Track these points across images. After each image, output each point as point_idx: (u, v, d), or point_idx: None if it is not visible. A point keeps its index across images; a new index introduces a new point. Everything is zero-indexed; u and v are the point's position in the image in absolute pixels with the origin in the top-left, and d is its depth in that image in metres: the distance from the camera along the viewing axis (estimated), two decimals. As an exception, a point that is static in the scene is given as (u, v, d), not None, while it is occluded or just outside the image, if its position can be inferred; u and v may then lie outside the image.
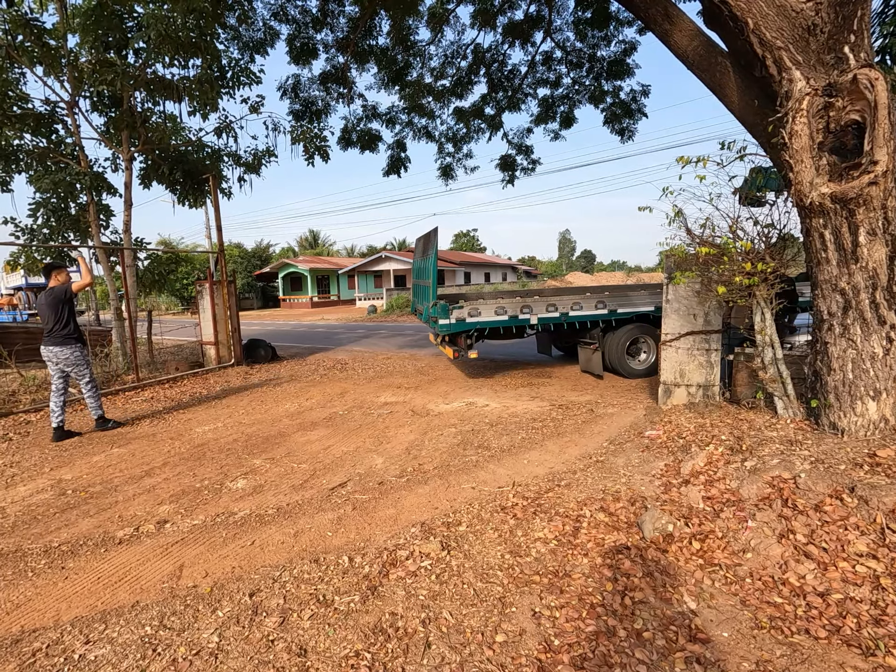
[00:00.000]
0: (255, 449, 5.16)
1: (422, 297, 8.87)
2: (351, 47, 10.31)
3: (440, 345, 8.15)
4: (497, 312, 7.29)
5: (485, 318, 7.27)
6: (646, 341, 7.98)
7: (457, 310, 7.17)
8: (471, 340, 7.56)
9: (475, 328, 7.35)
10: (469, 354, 7.50)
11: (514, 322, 7.39)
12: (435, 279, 7.49)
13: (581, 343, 8.25)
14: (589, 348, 7.93)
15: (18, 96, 9.33)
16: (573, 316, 7.48)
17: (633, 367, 7.88)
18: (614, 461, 4.10)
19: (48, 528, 3.51)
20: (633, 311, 7.66)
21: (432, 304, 7.28)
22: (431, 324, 7.67)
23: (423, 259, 8.65)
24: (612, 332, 7.79)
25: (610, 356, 7.79)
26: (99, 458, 5.09)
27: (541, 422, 5.62)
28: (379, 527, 3.27)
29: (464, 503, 3.54)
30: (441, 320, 7.09)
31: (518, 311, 7.34)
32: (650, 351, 7.96)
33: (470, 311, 7.21)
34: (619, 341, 7.73)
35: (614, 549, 2.71)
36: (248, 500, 3.84)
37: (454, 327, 7.19)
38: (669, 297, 5.32)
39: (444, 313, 7.07)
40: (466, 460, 4.48)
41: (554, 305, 7.42)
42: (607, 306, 7.54)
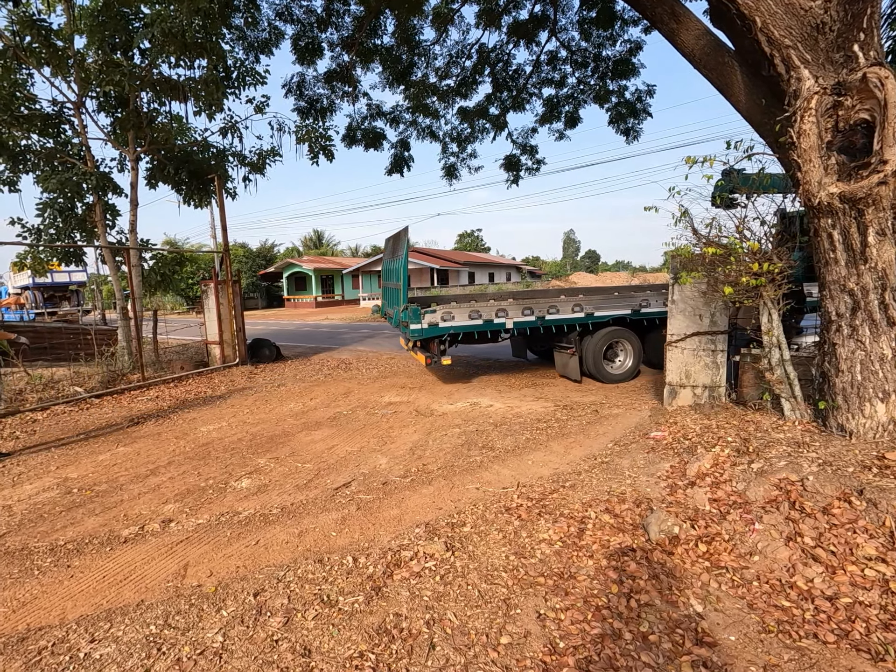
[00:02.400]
0: (259, 448, 5.17)
1: (392, 301, 8.49)
2: (356, 46, 10.31)
3: (411, 350, 7.83)
4: (471, 316, 6.99)
5: (458, 322, 6.95)
6: (623, 345, 7.79)
7: (429, 314, 6.82)
8: (444, 346, 7.26)
9: (448, 333, 7.05)
10: (442, 361, 7.13)
11: (489, 326, 7.10)
12: (406, 281, 7.16)
13: (557, 347, 7.95)
14: (566, 352, 7.67)
15: (26, 97, 9.40)
16: (549, 320, 7.21)
17: (610, 371, 7.68)
18: (619, 462, 4.08)
19: (54, 527, 3.53)
20: (609, 315, 7.46)
21: (403, 307, 6.92)
22: (402, 329, 7.38)
23: (393, 260, 8.24)
24: (590, 335, 7.57)
25: (587, 361, 7.57)
26: (105, 457, 5.11)
27: (545, 423, 5.60)
28: (383, 527, 3.26)
29: (468, 504, 3.53)
30: (412, 325, 6.75)
31: (493, 315, 7.05)
32: (627, 355, 7.78)
33: (443, 316, 6.87)
34: (596, 345, 7.50)
35: (620, 551, 2.69)
36: (252, 499, 3.84)
37: (426, 332, 6.85)
38: (675, 297, 5.29)
39: (415, 318, 6.73)
40: (471, 461, 4.47)
41: (530, 309, 7.16)
42: (584, 309, 7.29)
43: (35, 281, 22.46)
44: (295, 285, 43.13)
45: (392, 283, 8.31)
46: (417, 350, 7.52)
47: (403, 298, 7.04)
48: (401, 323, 7.24)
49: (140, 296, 10.02)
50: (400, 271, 7.31)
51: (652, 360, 8.15)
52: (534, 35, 12.55)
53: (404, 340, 8.75)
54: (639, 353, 7.77)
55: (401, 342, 9.40)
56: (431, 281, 40.28)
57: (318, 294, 40.36)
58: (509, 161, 14.17)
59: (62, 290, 24.11)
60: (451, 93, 12.75)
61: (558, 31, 12.07)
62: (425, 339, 7.12)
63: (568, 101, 13.54)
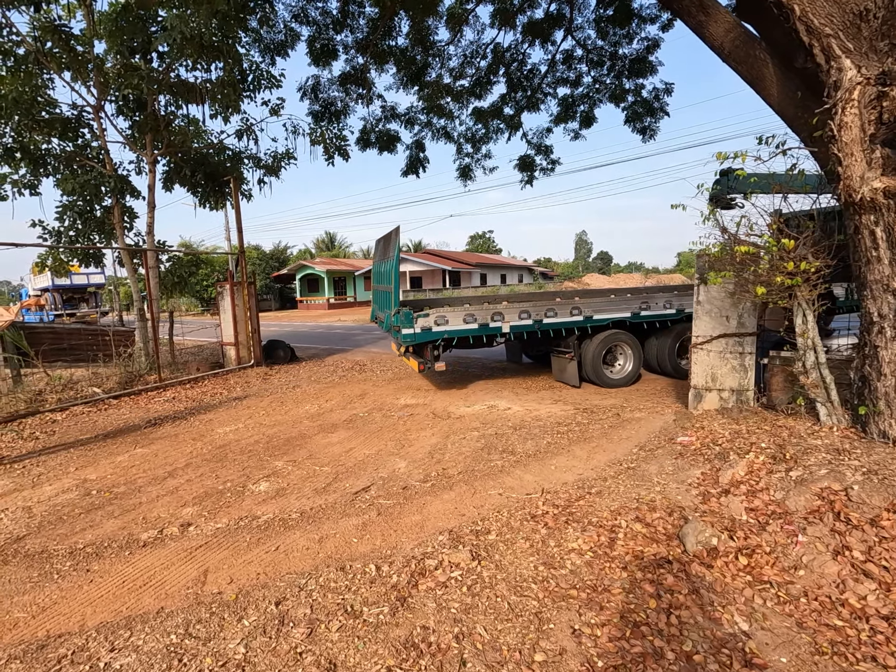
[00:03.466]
0: (276, 451, 5.12)
1: (383, 304, 8.15)
2: (371, 48, 10.29)
3: (403, 356, 7.46)
4: (466, 320, 6.70)
5: (452, 326, 6.66)
6: (622, 349, 7.55)
7: (422, 318, 6.54)
8: (438, 351, 6.95)
9: (442, 338, 6.74)
10: (436, 367, 6.87)
11: (484, 331, 6.83)
12: (397, 284, 6.83)
13: (555, 351, 7.72)
14: (564, 357, 7.43)
15: (47, 101, 9.53)
16: (547, 323, 6.94)
17: (610, 376, 7.44)
18: (646, 468, 3.95)
19: (73, 529, 3.50)
20: (609, 318, 7.20)
21: (395, 311, 6.62)
22: (394, 333, 7.05)
23: (384, 261, 7.88)
24: (589, 339, 7.31)
25: (586, 365, 7.32)
26: (123, 459, 5.10)
27: (566, 426, 5.47)
28: (405, 534, 3.17)
29: (492, 510, 3.42)
30: (404, 330, 6.46)
31: (489, 319, 6.77)
32: (627, 359, 7.54)
33: (436, 320, 6.58)
34: (595, 349, 7.23)
35: (655, 563, 2.57)
36: (271, 503, 3.78)
37: (419, 337, 6.57)
38: (701, 298, 5.14)
39: (407, 322, 6.45)
40: (492, 465, 4.36)
41: (527, 312, 6.87)
42: (582, 312, 7.03)
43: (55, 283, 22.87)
44: (308, 287, 43.40)
45: (383, 285, 7.98)
46: (410, 355, 7.18)
47: (395, 301, 6.74)
48: (392, 327, 6.97)
49: (157, 297, 10.08)
50: (391, 273, 6.99)
51: (651, 365, 7.92)
52: (549, 34, 12.42)
53: (395, 345, 8.38)
54: (639, 357, 7.54)
55: (392, 347, 9.05)
56: (443, 282, 40.24)
57: (331, 296, 40.55)
58: (523, 161, 14.05)
59: (81, 292, 24.51)
60: (466, 93, 12.68)
61: (574, 30, 11.93)
62: (418, 345, 6.83)
63: (583, 100, 13.38)
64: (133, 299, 10.36)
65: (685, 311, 7.48)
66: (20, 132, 9.36)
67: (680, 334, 7.61)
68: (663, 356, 7.67)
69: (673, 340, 7.60)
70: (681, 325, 7.61)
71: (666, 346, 7.62)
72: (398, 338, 6.84)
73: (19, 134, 9.37)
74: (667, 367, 7.70)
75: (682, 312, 7.50)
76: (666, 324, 7.62)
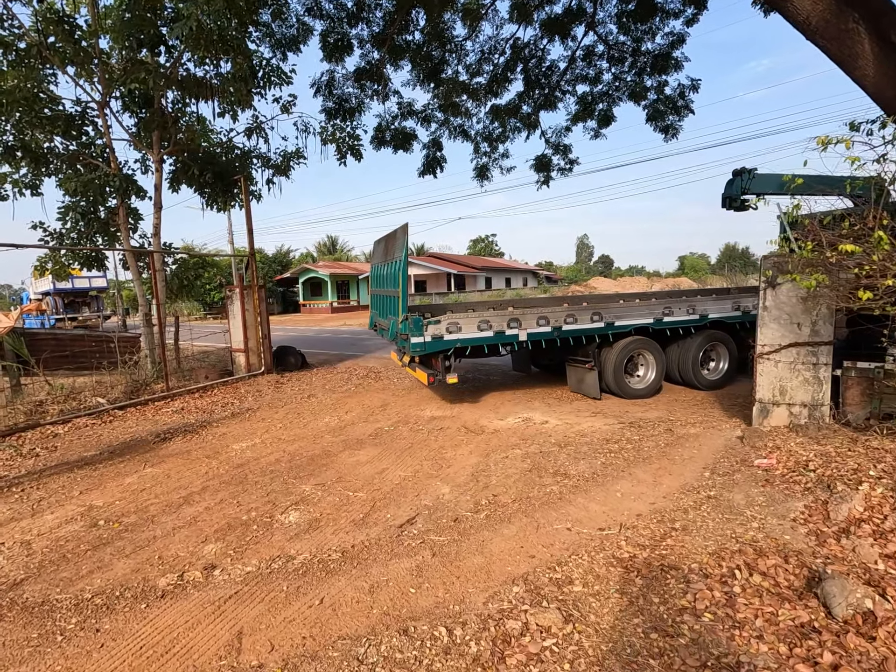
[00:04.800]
0: (300, 471, 4.65)
1: (385, 310, 7.49)
2: (388, 42, 9.87)
3: (408, 367, 6.92)
4: (480, 328, 6.12)
5: (466, 334, 6.10)
6: (644, 357, 7.04)
7: (432, 325, 5.94)
8: (449, 362, 6.31)
9: (454, 347, 6.13)
10: (448, 379, 6.21)
11: (500, 339, 6.26)
12: (405, 287, 6.18)
13: (571, 361, 7.15)
14: (583, 367, 6.88)
15: (50, 97, 9.10)
16: (567, 330, 6.41)
17: (632, 386, 6.93)
18: (731, 498, 3.47)
19: (79, 572, 3.02)
20: (631, 324, 6.68)
21: (403, 318, 6.03)
22: (400, 342, 6.38)
23: (387, 263, 7.18)
24: (609, 347, 6.81)
25: (606, 375, 6.81)
26: (132, 480, 4.62)
27: (616, 443, 5.00)
28: (470, 581, 2.70)
29: (565, 551, 2.95)
30: (413, 338, 5.85)
31: (505, 326, 6.20)
32: (649, 368, 7.04)
33: (448, 327, 5.99)
34: (616, 358, 6.72)
35: (798, 632, 2.09)
36: (304, 538, 3.31)
37: (430, 346, 5.97)
38: (768, 303, 4.67)
39: (417, 330, 5.84)
40: (547, 491, 3.89)
41: (545, 318, 6.33)
42: (604, 318, 6.52)
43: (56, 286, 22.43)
44: (311, 290, 43.02)
45: (386, 289, 7.27)
46: (417, 366, 6.57)
47: (403, 307, 6.12)
48: (399, 336, 6.31)
49: (164, 301, 9.63)
50: (397, 276, 6.34)
51: (671, 375, 7.36)
52: (569, 30, 11.99)
53: (397, 355, 7.71)
54: (662, 366, 7.05)
55: (392, 357, 8.31)
56: (448, 286, 39.83)
57: (334, 299, 40.13)
58: (540, 162, 13.62)
59: (82, 296, 24.06)
60: (483, 91, 12.27)
61: (596, 24, 11.52)
62: (428, 355, 6.21)
63: (602, 98, 12.95)
64: (139, 303, 9.89)
65: (708, 316, 7.04)
66: (21, 129, 8.92)
67: (704, 342, 7.15)
68: (686, 365, 7.16)
69: (696, 349, 7.10)
70: (705, 333, 7.16)
71: (689, 354, 7.12)
72: (405, 347, 6.23)
73: (20, 131, 8.93)
74: (689, 378, 7.20)
75: (706, 318, 7.04)
76: (689, 331, 7.11)
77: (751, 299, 7.28)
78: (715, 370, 7.44)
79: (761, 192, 9.88)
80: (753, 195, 9.75)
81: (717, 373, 7.42)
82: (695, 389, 7.24)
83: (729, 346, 7.40)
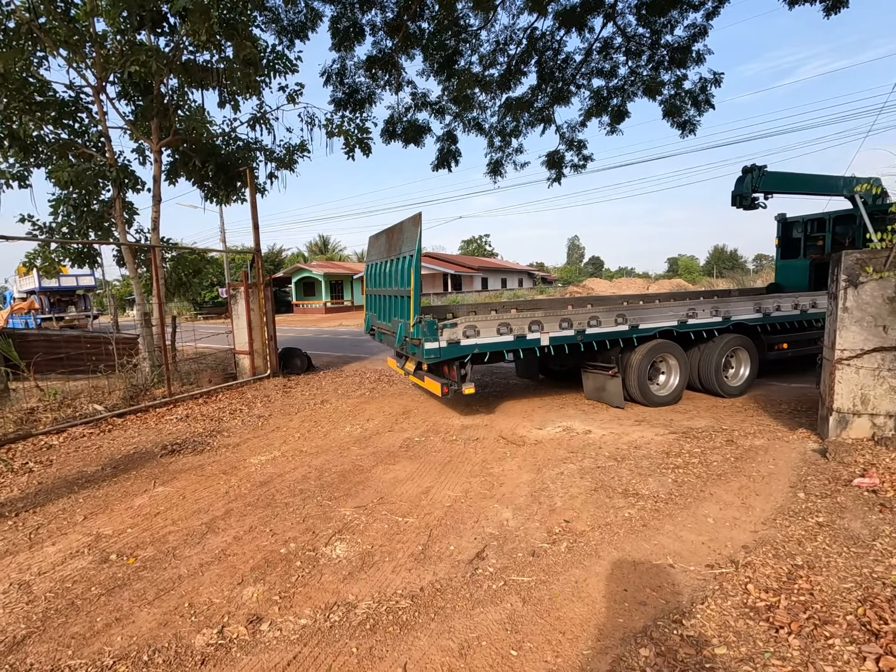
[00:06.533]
0: (334, 491, 4.14)
1: (387, 312, 6.74)
2: (403, 29, 9.36)
3: (412, 375, 6.32)
4: (500, 331, 5.56)
5: (485, 338, 5.50)
6: (666, 362, 6.63)
7: (448, 328, 5.35)
8: (465, 370, 5.72)
9: (472, 353, 5.54)
10: (464, 389, 5.62)
11: (521, 343, 5.70)
12: (418, 287, 5.47)
13: (589, 367, 6.72)
14: (604, 373, 6.47)
15: (40, 82, 8.47)
16: (590, 334, 5.95)
17: (656, 393, 6.52)
18: (848, 526, 3.04)
19: (93, 626, 2.49)
20: (656, 327, 6.27)
21: (416, 320, 5.40)
22: (410, 348, 5.72)
23: (391, 259, 6.48)
24: (632, 351, 6.38)
25: (629, 381, 6.39)
26: (142, 501, 4.08)
27: (678, 457, 4.56)
28: (581, 640, 2.22)
29: (680, 596, 2.49)
30: (427, 343, 5.27)
31: (526, 330, 5.67)
32: (672, 373, 6.64)
33: (465, 331, 5.41)
34: (640, 363, 6.30)
35: None
36: (360, 578, 2.81)
37: (445, 353, 5.36)
38: (848, 304, 4.27)
39: (431, 334, 5.26)
40: (625, 516, 3.43)
41: (568, 321, 5.85)
42: (628, 321, 6.10)
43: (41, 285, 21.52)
44: (304, 290, 42.34)
45: (390, 288, 6.57)
46: (426, 375, 6.01)
47: (416, 309, 5.47)
48: (408, 341, 5.67)
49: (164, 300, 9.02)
50: (407, 273, 5.67)
51: (691, 381, 6.88)
52: (584, 21, 11.60)
53: (396, 362, 7.02)
54: (686, 370, 6.64)
55: (390, 364, 7.55)
56: (445, 286, 39.34)
57: (328, 300, 39.50)
58: (552, 158, 13.22)
59: (69, 295, 23.16)
60: (496, 84, 11.82)
61: (615, 16, 11.14)
62: (441, 362, 5.61)
63: (617, 92, 12.57)
64: (136, 302, 9.27)
65: (731, 318, 6.65)
66: (9, 116, 8.26)
67: (726, 347, 6.75)
68: (708, 371, 6.72)
69: (719, 354, 6.68)
70: (727, 336, 6.76)
71: (711, 359, 6.68)
72: (417, 354, 5.56)
73: (8, 118, 8.28)
74: (711, 384, 6.77)
75: (729, 321, 6.65)
76: (713, 334, 6.72)
77: (771, 301, 6.95)
78: (736, 376, 7.03)
79: (771, 190, 9.61)
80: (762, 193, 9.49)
81: (739, 379, 7.01)
82: (717, 397, 6.81)
83: (750, 351, 7.01)
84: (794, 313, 7.10)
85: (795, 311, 7.09)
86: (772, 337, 7.19)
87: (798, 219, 10.22)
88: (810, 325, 7.43)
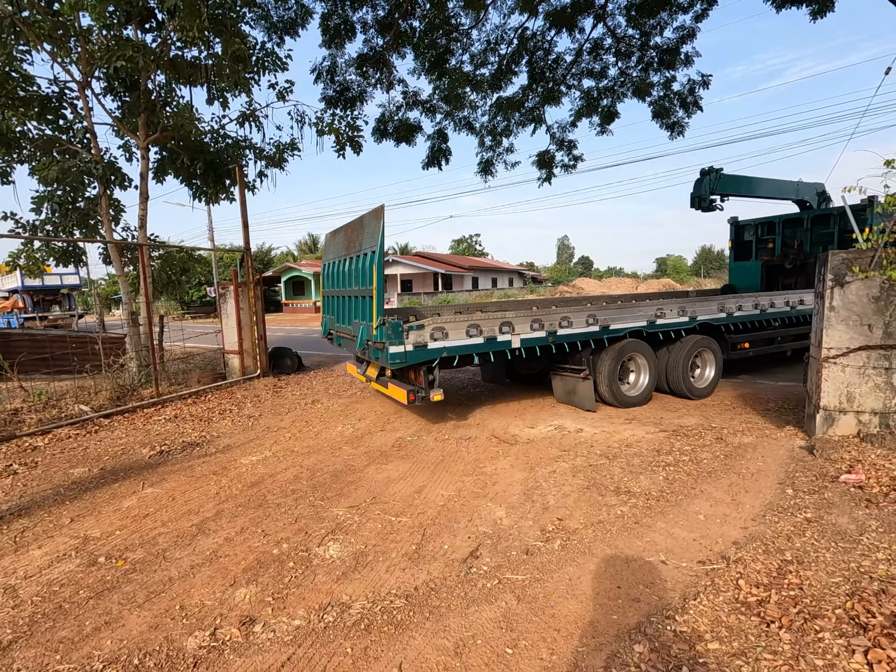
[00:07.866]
0: (327, 491, 4.11)
1: (347, 314, 6.32)
2: (395, 27, 9.33)
3: (375, 382, 6.02)
4: (470, 333, 5.28)
5: (453, 341, 5.21)
6: (635, 362, 6.62)
7: (414, 331, 5.01)
8: (432, 375, 5.36)
9: (440, 357, 5.23)
10: (432, 396, 5.27)
11: (491, 346, 5.46)
12: (381, 286, 5.12)
13: (559, 370, 6.60)
14: (575, 376, 6.36)
15: (23, 76, 8.30)
16: (562, 335, 5.82)
17: (626, 393, 6.50)
18: (835, 521, 3.09)
19: (82, 630, 2.45)
20: (626, 328, 6.22)
21: (378, 322, 5.04)
22: (373, 352, 5.32)
23: (350, 257, 6.03)
24: (602, 352, 6.32)
25: (601, 383, 6.32)
26: (131, 503, 4.02)
27: (669, 454, 4.61)
28: (575, 637, 2.23)
29: (673, 592, 2.51)
30: (392, 347, 4.90)
31: (496, 331, 5.44)
32: (641, 373, 6.63)
33: (433, 333, 5.10)
34: (610, 363, 6.24)
35: None
36: (354, 578, 2.79)
37: (412, 357, 5.02)
38: (835, 303, 4.34)
39: (396, 337, 4.89)
40: (617, 513, 3.45)
41: (539, 322, 5.66)
42: (599, 322, 6.00)
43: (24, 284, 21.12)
44: (293, 290, 42.06)
45: (349, 289, 6.11)
46: (390, 381, 5.71)
47: (378, 310, 5.09)
48: (371, 345, 5.31)
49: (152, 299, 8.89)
50: (369, 271, 5.29)
51: (658, 383, 6.84)
52: (574, 22, 11.65)
53: (356, 367, 6.72)
54: (655, 369, 6.65)
55: (349, 370, 7.13)
56: (435, 286, 39.30)
57: (318, 299, 39.21)
58: (542, 158, 13.26)
59: (53, 294, 22.76)
60: (486, 84, 11.82)
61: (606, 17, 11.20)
62: (407, 367, 5.29)
63: (607, 93, 12.64)
64: (123, 301, 9.13)
65: (697, 318, 6.68)
66: (-9, 111, 8.10)
67: (694, 348, 6.76)
68: (675, 373, 6.69)
69: (686, 355, 6.68)
70: (694, 337, 6.80)
71: (679, 360, 6.66)
72: (380, 358, 5.21)
73: (-11, 113, 8.11)
74: (678, 386, 6.73)
75: (696, 321, 6.68)
76: (680, 334, 6.74)
77: (734, 301, 7.04)
78: (701, 377, 7.02)
79: (727, 192, 9.74)
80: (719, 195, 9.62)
81: (705, 380, 7.01)
82: (684, 399, 6.78)
83: (715, 352, 7.03)
84: (755, 313, 7.23)
85: (756, 310, 7.22)
86: (734, 336, 7.27)
87: (750, 222, 10.38)
88: (769, 324, 7.56)
